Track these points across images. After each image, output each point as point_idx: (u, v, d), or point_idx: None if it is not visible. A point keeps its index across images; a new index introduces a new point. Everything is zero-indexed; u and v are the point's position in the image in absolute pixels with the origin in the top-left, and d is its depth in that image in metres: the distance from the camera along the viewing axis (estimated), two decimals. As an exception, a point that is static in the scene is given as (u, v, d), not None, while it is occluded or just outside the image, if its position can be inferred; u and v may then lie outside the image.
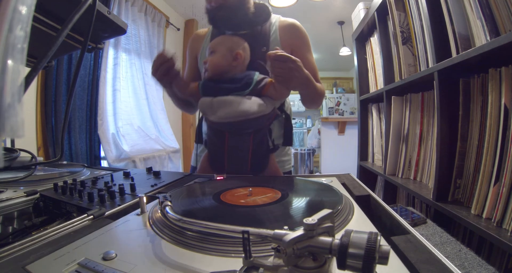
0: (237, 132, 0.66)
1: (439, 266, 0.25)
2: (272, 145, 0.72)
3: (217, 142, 0.70)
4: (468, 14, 0.71)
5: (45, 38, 0.52)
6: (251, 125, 0.65)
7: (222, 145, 0.68)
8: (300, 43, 0.82)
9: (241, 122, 0.63)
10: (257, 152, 0.69)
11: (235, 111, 0.62)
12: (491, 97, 0.68)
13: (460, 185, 0.82)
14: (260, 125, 0.67)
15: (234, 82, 0.66)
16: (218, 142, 0.69)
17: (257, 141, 0.68)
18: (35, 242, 0.32)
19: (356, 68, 1.77)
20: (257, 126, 0.66)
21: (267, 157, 0.72)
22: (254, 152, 0.68)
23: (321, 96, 0.81)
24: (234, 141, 0.67)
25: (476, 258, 0.62)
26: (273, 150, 0.72)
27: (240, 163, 0.69)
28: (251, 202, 0.41)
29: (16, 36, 0.22)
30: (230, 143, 0.67)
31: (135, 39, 2.12)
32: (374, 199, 0.47)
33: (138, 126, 2.08)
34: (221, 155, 0.70)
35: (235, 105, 0.62)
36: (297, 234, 0.20)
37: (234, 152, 0.68)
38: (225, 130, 0.67)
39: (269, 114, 0.66)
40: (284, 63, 0.60)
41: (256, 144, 0.68)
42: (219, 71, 0.69)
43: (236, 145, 0.67)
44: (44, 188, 0.57)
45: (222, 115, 0.63)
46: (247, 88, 0.64)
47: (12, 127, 0.22)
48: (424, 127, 1.05)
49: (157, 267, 0.26)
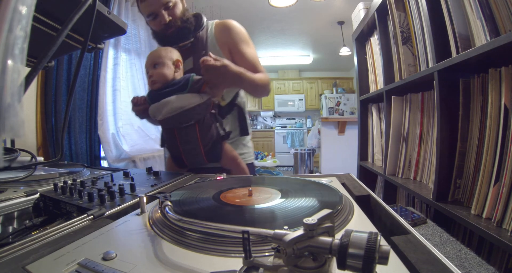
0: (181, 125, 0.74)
1: (439, 266, 0.25)
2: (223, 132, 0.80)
3: (170, 140, 0.78)
4: (468, 14, 0.71)
5: (45, 38, 0.52)
6: (190, 116, 0.73)
7: (174, 141, 0.77)
8: (234, 39, 0.89)
9: (181, 114, 0.71)
10: (207, 141, 0.76)
11: (174, 107, 0.71)
12: (491, 97, 0.68)
13: (460, 185, 0.82)
14: (199, 114, 0.74)
15: (174, 85, 0.75)
16: (171, 139, 0.78)
17: (204, 131, 0.76)
18: (35, 242, 0.32)
19: (356, 68, 1.77)
20: (196, 116, 0.74)
21: (220, 145, 0.79)
22: (204, 141, 0.76)
23: (263, 85, 0.87)
24: (182, 134, 0.75)
25: (476, 258, 0.62)
26: (224, 137, 0.80)
27: (195, 154, 0.77)
28: (251, 202, 0.41)
29: (16, 36, 0.22)
30: (180, 137, 0.75)
31: (135, 39, 2.12)
32: (374, 199, 0.47)
33: (138, 126, 2.08)
34: (177, 151, 0.78)
35: (173, 102, 0.72)
36: (297, 234, 0.20)
37: (186, 145, 0.76)
38: (172, 126, 0.75)
39: (204, 104, 0.74)
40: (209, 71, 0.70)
41: (204, 134, 0.76)
42: (166, 81, 0.77)
43: (185, 137, 0.75)
44: (44, 188, 0.57)
45: (165, 112, 0.72)
46: (185, 89, 0.73)
47: (12, 127, 0.22)
48: (424, 127, 1.05)
49: (157, 267, 0.26)
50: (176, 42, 0.85)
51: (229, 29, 0.90)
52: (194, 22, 0.87)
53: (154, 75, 0.76)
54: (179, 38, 0.85)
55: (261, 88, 0.87)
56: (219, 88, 0.77)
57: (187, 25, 0.85)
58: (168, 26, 0.83)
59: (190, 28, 0.86)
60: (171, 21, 0.83)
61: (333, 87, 5.53)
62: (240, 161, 0.84)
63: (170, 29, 0.83)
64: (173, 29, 0.83)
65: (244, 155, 0.92)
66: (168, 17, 0.82)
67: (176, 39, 0.85)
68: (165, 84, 0.76)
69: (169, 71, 0.77)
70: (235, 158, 0.82)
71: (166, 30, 0.84)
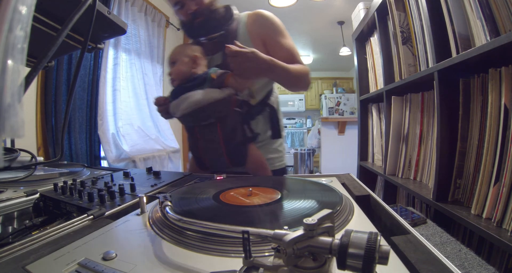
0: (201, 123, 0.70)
1: (439, 266, 0.25)
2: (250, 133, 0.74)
3: (191, 139, 0.75)
4: (468, 14, 0.71)
5: (45, 38, 0.52)
6: (209, 113, 0.68)
7: (196, 141, 0.73)
8: (269, 31, 0.82)
9: (198, 110, 0.67)
10: (230, 141, 0.70)
11: (190, 101, 0.68)
12: (491, 97, 0.68)
13: (460, 185, 0.82)
14: (219, 112, 0.69)
15: (192, 81, 0.72)
16: (192, 138, 0.74)
17: (227, 130, 0.70)
18: (35, 242, 0.32)
19: (356, 68, 1.77)
20: (216, 113, 0.69)
21: (245, 147, 0.72)
22: (226, 141, 0.70)
23: (301, 77, 0.79)
24: (203, 133, 0.71)
25: (476, 258, 0.62)
26: (251, 138, 0.74)
27: (216, 155, 0.72)
28: (251, 202, 0.41)
29: (16, 36, 0.22)
30: (201, 136, 0.72)
31: (135, 39, 2.12)
32: (374, 199, 0.47)
33: (138, 126, 2.08)
34: (198, 151, 0.75)
35: (191, 97, 0.68)
36: (297, 234, 0.20)
37: (207, 144, 0.72)
38: (191, 124, 0.72)
39: (224, 100, 0.68)
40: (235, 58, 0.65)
41: (227, 133, 0.70)
42: (184, 77, 0.74)
43: (206, 136, 0.71)
44: (44, 188, 0.57)
45: (182, 108, 0.69)
46: (203, 84, 0.69)
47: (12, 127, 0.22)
48: (424, 127, 1.05)
49: (157, 267, 0.26)
50: (203, 33, 0.80)
51: (262, 20, 0.83)
52: (223, 13, 0.82)
53: (172, 73, 0.75)
54: (207, 29, 0.80)
55: (296, 79, 0.78)
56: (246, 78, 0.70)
57: (215, 16, 0.79)
58: (194, 16, 0.78)
59: (218, 19, 0.80)
60: (198, 10, 0.78)
61: (333, 87, 5.54)
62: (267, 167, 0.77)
63: (197, 18, 0.78)
64: (200, 19, 0.78)
65: (274, 159, 0.85)
66: (195, 5, 0.77)
67: (204, 30, 0.80)
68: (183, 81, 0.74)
69: (186, 67, 0.74)
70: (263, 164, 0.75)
71: (193, 19, 0.79)
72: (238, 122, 0.72)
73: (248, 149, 0.73)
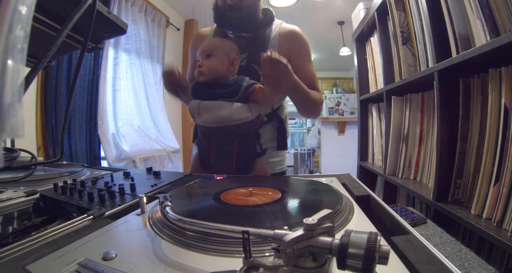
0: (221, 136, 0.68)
1: (439, 266, 0.25)
2: (259, 149, 0.72)
3: (204, 143, 0.72)
4: (468, 14, 0.71)
5: (45, 38, 0.52)
6: (233, 131, 0.66)
7: (208, 146, 0.71)
8: (299, 51, 0.81)
9: (223, 127, 0.64)
10: (242, 155, 0.69)
11: (218, 117, 0.63)
12: (491, 97, 0.68)
13: (460, 185, 0.82)
14: (243, 131, 0.67)
15: (224, 88, 0.66)
16: (205, 143, 0.71)
17: (242, 145, 0.68)
18: (35, 242, 0.32)
19: (356, 68, 1.77)
20: (240, 132, 0.67)
21: (253, 160, 0.72)
22: (239, 155, 0.69)
23: (316, 104, 0.79)
24: (219, 143, 0.69)
25: (476, 258, 0.62)
26: (260, 154, 0.72)
27: (225, 165, 0.70)
28: (251, 202, 0.41)
29: (16, 36, 0.22)
30: (215, 145, 0.69)
31: (135, 39, 2.12)
32: (374, 199, 0.47)
33: (138, 126, 2.08)
34: (208, 156, 0.72)
35: (219, 111, 0.63)
36: (297, 234, 0.20)
37: (219, 154, 0.70)
38: (210, 133, 0.69)
39: (252, 121, 0.66)
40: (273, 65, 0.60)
41: (241, 148, 0.68)
42: (216, 76, 0.68)
43: (221, 147, 0.69)
44: (44, 188, 0.57)
45: (206, 119, 0.65)
46: (236, 95, 0.64)
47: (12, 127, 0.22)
48: (424, 127, 1.05)
49: (157, 267, 0.26)
50: (233, 28, 0.77)
51: (297, 38, 0.81)
52: (262, 17, 0.78)
53: (204, 66, 0.67)
54: (239, 27, 0.76)
55: (313, 105, 0.78)
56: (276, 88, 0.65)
57: (252, 17, 0.75)
58: (232, 8, 0.73)
59: (253, 21, 0.76)
60: (238, 5, 0.73)
61: (333, 87, 5.53)
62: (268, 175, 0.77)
63: (233, 12, 0.74)
64: (236, 14, 0.73)
65: (276, 163, 0.86)
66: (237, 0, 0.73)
67: (235, 26, 0.76)
68: (212, 79, 0.68)
69: (222, 66, 0.68)
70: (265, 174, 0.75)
71: (229, 11, 0.74)
72: (254, 139, 0.71)
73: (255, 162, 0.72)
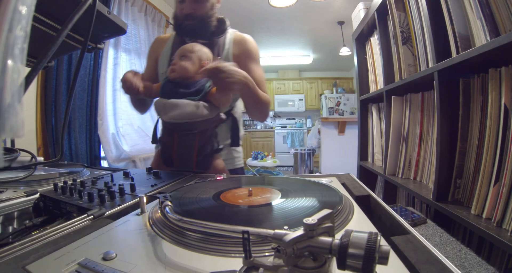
0: (184, 132, 0.73)
1: (439, 266, 0.25)
2: (217, 146, 0.79)
3: (167, 140, 0.77)
4: (468, 14, 0.71)
5: (45, 38, 0.52)
6: (196, 127, 0.71)
7: (171, 143, 0.75)
8: (248, 54, 0.89)
9: (188, 123, 0.70)
10: (202, 151, 0.75)
11: (183, 113, 0.69)
12: (491, 97, 0.68)
13: (460, 185, 0.82)
14: (205, 127, 0.73)
15: (189, 88, 0.72)
16: (168, 140, 0.76)
17: (203, 141, 0.74)
18: (35, 242, 0.32)
19: (356, 68, 1.77)
20: (202, 128, 0.72)
21: (212, 157, 0.78)
22: (200, 151, 0.74)
23: (265, 104, 0.86)
24: (182, 140, 0.73)
25: (476, 258, 0.62)
26: (218, 150, 0.79)
27: (186, 160, 0.75)
28: (251, 202, 0.41)
29: (16, 36, 0.22)
30: (178, 142, 0.74)
31: (135, 39, 2.12)
32: (374, 199, 0.47)
33: (138, 126, 2.08)
34: (170, 152, 0.76)
35: (184, 108, 0.69)
36: (297, 234, 0.20)
37: (182, 149, 0.74)
38: (174, 130, 0.74)
39: (213, 119, 0.73)
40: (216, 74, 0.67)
41: (202, 144, 0.74)
42: (184, 75, 0.74)
43: (183, 143, 0.74)
44: (44, 188, 0.57)
45: (172, 116, 0.70)
46: (198, 94, 0.71)
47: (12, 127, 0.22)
48: (424, 127, 1.05)
49: (157, 267, 0.26)
50: (189, 35, 0.84)
51: (245, 44, 0.90)
52: (215, 25, 0.86)
53: (178, 65, 0.74)
54: (194, 33, 0.83)
55: (263, 106, 0.85)
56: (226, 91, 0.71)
57: (206, 24, 0.83)
58: (187, 17, 0.82)
59: (207, 28, 0.84)
60: (192, 14, 0.81)
61: (333, 87, 5.54)
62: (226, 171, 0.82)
63: (188, 21, 0.82)
64: (191, 22, 0.82)
65: (234, 159, 0.94)
66: (192, 9, 0.81)
67: (191, 33, 0.84)
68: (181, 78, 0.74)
69: (193, 68, 0.74)
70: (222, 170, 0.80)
71: (184, 20, 0.82)
72: (213, 135, 0.78)
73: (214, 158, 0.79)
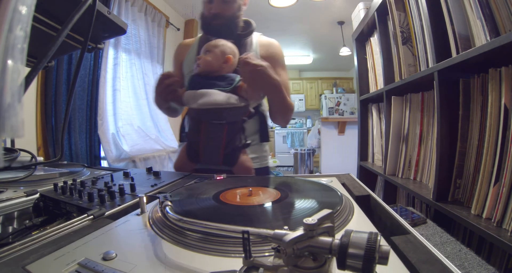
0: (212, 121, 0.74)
1: (439, 266, 0.25)
2: (244, 140, 0.80)
3: (194, 132, 0.78)
4: (468, 14, 0.71)
5: (45, 38, 0.52)
6: (225, 116, 0.73)
7: (198, 135, 0.76)
8: (273, 58, 0.90)
9: (217, 111, 0.72)
10: (230, 144, 0.75)
11: (214, 100, 0.71)
12: (491, 97, 0.68)
13: (460, 185, 0.82)
14: (233, 117, 0.74)
15: (219, 80, 0.75)
16: (195, 131, 0.77)
17: (231, 134, 0.75)
18: (35, 242, 0.32)
19: (356, 68, 1.77)
20: (230, 118, 0.74)
21: (239, 151, 0.78)
22: (227, 144, 0.75)
23: (289, 110, 0.88)
24: (210, 131, 0.74)
25: (476, 258, 0.62)
26: (245, 145, 0.80)
27: (213, 153, 0.75)
28: (251, 202, 0.41)
29: (16, 36, 0.22)
30: (206, 133, 0.75)
31: (135, 39, 2.12)
32: (374, 199, 0.47)
33: (138, 126, 2.08)
34: (197, 145, 0.77)
35: (214, 95, 0.71)
36: (297, 234, 0.20)
37: (209, 142, 0.75)
38: (203, 119, 0.74)
39: (242, 109, 0.74)
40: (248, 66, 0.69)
41: (229, 137, 0.75)
42: (208, 69, 0.77)
43: (211, 135, 0.75)
44: (44, 188, 0.57)
45: (201, 102, 0.71)
46: (228, 87, 0.73)
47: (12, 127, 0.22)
48: (424, 127, 1.05)
49: (157, 267, 0.26)
50: (217, 35, 0.86)
51: (274, 49, 0.93)
52: (242, 26, 0.90)
53: (201, 59, 0.77)
54: (221, 33, 0.86)
55: (287, 111, 0.88)
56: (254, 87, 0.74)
57: (233, 25, 0.87)
58: (215, 17, 0.85)
59: (234, 28, 0.88)
60: (220, 13, 0.84)
61: (333, 87, 5.54)
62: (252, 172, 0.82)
63: (215, 20, 0.85)
64: (219, 22, 0.85)
65: (261, 157, 0.93)
66: (220, 9, 0.84)
67: (218, 33, 0.86)
68: (206, 72, 0.77)
69: (216, 61, 0.77)
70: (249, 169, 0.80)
71: (212, 19, 0.85)
72: (241, 129, 0.79)
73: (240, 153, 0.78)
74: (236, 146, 0.77)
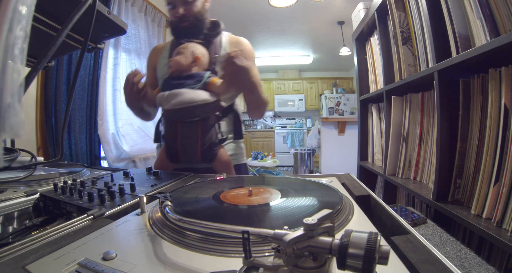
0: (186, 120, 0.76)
1: (439, 266, 0.25)
2: (221, 136, 0.83)
3: (171, 133, 0.80)
4: (468, 14, 0.71)
5: (45, 38, 0.52)
6: (197, 113, 0.75)
7: (175, 135, 0.78)
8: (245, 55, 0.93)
9: (189, 109, 0.74)
10: (206, 140, 0.78)
11: (184, 99, 0.73)
12: (491, 97, 0.68)
13: (460, 185, 0.82)
14: (206, 113, 0.77)
15: (188, 79, 0.77)
16: (172, 133, 0.79)
17: (206, 131, 0.78)
18: (35, 242, 0.32)
19: (356, 68, 1.77)
20: (203, 114, 0.76)
21: (216, 147, 0.81)
22: (203, 140, 0.78)
23: (265, 105, 0.91)
24: (185, 129, 0.77)
25: (476, 258, 0.62)
26: (222, 141, 0.84)
27: (191, 151, 0.78)
28: (251, 202, 0.41)
29: (16, 36, 0.22)
30: (182, 132, 0.77)
31: (135, 39, 2.12)
32: (374, 199, 0.47)
33: (138, 126, 2.08)
34: (175, 144, 0.79)
35: (184, 94, 0.74)
36: (297, 234, 0.20)
37: (186, 140, 0.78)
38: (177, 119, 0.77)
39: (213, 104, 0.77)
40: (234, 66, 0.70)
41: (205, 133, 0.78)
42: (179, 69, 0.80)
43: (187, 133, 0.77)
44: (44, 188, 0.57)
45: (173, 103, 0.74)
46: (198, 84, 0.76)
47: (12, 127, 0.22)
48: (424, 127, 1.05)
49: (157, 267, 0.26)
50: (186, 36, 0.89)
51: (243, 45, 0.95)
52: (209, 25, 0.92)
53: (172, 60, 0.80)
54: (189, 34, 0.89)
55: (263, 105, 0.90)
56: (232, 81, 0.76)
57: (199, 24, 0.89)
58: (181, 19, 0.87)
59: (202, 28, 0.90)
60: (185, 15, 0.87)
61: (333, 87, 5.53)
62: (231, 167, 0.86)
63: (182, 23, 0.88)
64: (185, 23, 0.87)
65: (238, 155, 0.96)
66: (184, 11, 0.86)
67: (187, 34, 0.89)
68: (177, 72, 0.79)
69: (185, 61, 0.80)
70: (228, 163, 0.84)
71: (179, 22, 0.88)
72: (215, 124, 0.81)
73: (218, 148, 0.81)
74: (213, 142, 0.80)
